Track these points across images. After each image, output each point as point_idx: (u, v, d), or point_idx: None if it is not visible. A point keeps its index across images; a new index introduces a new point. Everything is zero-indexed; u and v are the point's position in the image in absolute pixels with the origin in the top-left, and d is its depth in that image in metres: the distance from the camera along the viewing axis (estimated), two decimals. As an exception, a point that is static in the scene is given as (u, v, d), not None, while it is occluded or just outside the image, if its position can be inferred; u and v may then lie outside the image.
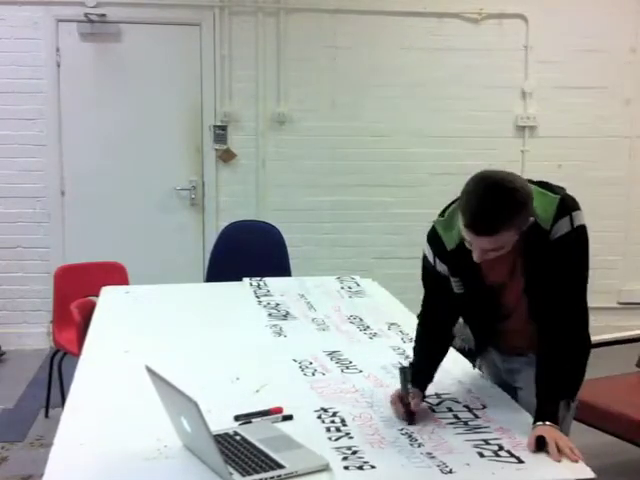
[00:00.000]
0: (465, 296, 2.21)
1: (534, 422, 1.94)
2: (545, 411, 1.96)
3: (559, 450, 1.84)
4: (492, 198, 1.90)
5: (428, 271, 2.24)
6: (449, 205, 2.15)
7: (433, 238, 2.18)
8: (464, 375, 2.41)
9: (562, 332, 2.04)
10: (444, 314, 2.27)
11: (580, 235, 2.04)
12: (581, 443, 1.92)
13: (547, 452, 1.85)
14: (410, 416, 2.05)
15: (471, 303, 2.23)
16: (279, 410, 2.09)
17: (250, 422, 2.02)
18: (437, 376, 2.38)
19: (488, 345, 2.38)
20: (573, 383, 2.15)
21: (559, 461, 1.82)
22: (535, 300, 2.10)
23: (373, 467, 1.77)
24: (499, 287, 2.15)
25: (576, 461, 1.82)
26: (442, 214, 2.18)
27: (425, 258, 2.24)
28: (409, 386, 2.11)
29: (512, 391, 2.30)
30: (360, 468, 1.76)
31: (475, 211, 1.91)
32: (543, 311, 2.07)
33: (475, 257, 1.99)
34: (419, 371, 2.20)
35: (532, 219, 1.97)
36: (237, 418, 2.03)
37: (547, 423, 1.92)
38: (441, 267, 2.18)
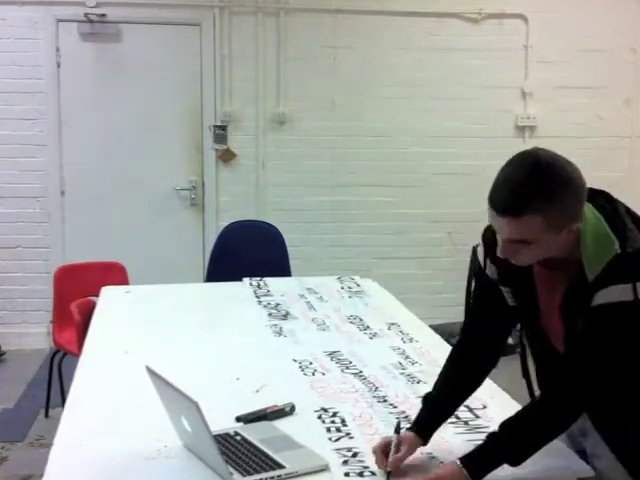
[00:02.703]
0: (521, 317, 1.87)
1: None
2: (473, 456, 1.68)
3: None
4: (524, 171, 1.58)
5: (477, 277, 1.94)
6: None
7: (487, 236, 1.86)
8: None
9: (545, 404, 1.70)
10: (491, 330, 1.89)
11: (633, 312, 1.59)
12: (581, 443, 1.91)
13: None
14: (388, 475, 1.71)
15: (529, 335, 1.91)
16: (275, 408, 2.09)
17: (263, 415, 2.02)
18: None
19: None
20: (520, 453, 1.69)
21: None
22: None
23: (373, 474, 1.76)
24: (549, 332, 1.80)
25: None
26: None
27: (475, 261, 1.95)
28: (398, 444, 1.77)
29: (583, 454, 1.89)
30: (360, 475, 1.76)
31: (499, 182, 1.61)
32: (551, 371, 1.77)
33: (499, 250, 1.67)
34: (435, 404, 1.87)
35: (578, 226, 1.61)
36: (239, 419, 2.03)
37: (459, 465, 1.66)
38: (490, 270, 1.86)
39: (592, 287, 1.61)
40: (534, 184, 1.56)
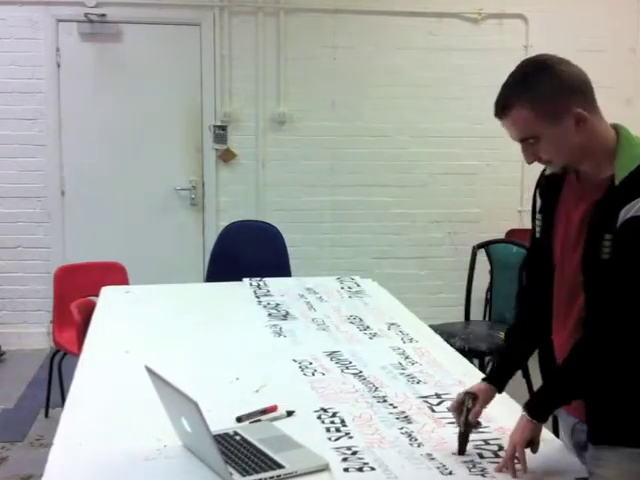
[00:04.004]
0: (537, 252, 1.87)
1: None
2: (533, 403, 1.77)
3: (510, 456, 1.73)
4: (513, 72, 1.68)
5: (532, 219, 1.92)
6: None
7: (539, 180, 1.91)
8: (464, 375, 2.41)
9: (587, 334, 1.69)
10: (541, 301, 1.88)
11: None
12: (581, 443, 1.91)
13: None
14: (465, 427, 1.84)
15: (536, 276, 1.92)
16: (274, 408, 2.09)
17: (259, 420, 2.02)
18: (437, 376, 2.40)
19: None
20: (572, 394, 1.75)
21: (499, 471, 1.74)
22: (586, 282, 1.71)
23: (373, 469, 1.76)
24: (558, 265, 1.80)
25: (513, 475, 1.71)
26: None
27: (533, 205, 1.91)
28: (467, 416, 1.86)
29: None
30: (360, 470, 1.76)
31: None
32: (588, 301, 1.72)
33: (525, 157, 1.73)
34: (507, 356, 1.96)
35: (581, 114, 1.62)
36: (239, 419, 2.03)
37: (525, 415, 1.75)
38: (538, 202, 1.87)
39: (617, 192, 1.62)
40: (512, 81, 1.66)
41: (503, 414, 2.08)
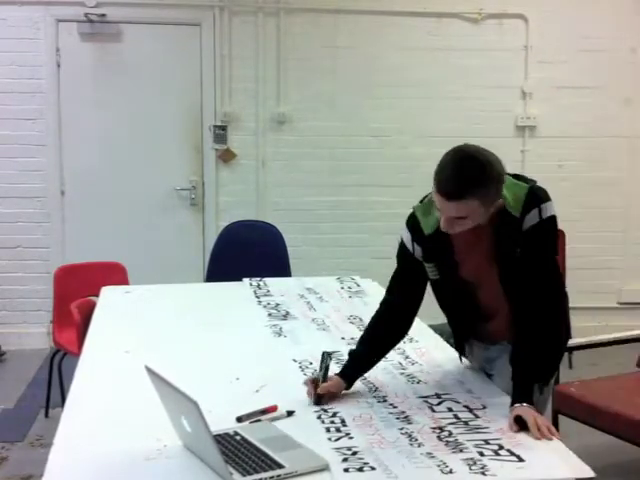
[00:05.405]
0: (442, 285, 2.31)
1: (511, 404, 2.05)
2: (521, 392, 2.06)
3: (538, 428, 1.94)
4: (463, 166, 2.09)
5: (404, 255, 2.35)
6: (429, 193, 2.29)
7: (412, 223, 2.37)
8: (464, 375, 2.41)
9: (537, 319, 2.14)
10: (408, 304, 2.35)
11: (548, 225, 2.14)
12: (581, 443, 1.92)
13: (527, 431, 1.95)
14: (317, 398, 2.16)
15: (449, 296, 2.35)
16: (274, 408, 2.09)
17: (259, 420, 2.02)
18: (437, 376, 2.39)
19: (469, 337, 2.48)
20: (547, 369, 2.24)
21: (539, 439, 1.91)
22: (511, 289, 2.19)
23: (373, 469, 1.77)
24: (475, 284, 2.27)
25: (550, 439, 1.91)
26: (422, 200, 2.38)
27: (402, 244, 2.37)
28: (326, 373, 2.23)
29: (488, 378, 2.41)
30: (360, 470, 1.76)
31: (446, 176, 2.08)
32: (520, 299, 2.17)
33: (442, 225, 2.11)
34: (358, 357, 2.31)
35: (500, 202, 2.09)
36: (240, 419, 2.03)
37: (524, 404, 2.02)
38: (417, 251, 2.31)
39: (521, 218, 2.11)
40: (473, 177, 2.05)
41: (503, 415, 2.08)
